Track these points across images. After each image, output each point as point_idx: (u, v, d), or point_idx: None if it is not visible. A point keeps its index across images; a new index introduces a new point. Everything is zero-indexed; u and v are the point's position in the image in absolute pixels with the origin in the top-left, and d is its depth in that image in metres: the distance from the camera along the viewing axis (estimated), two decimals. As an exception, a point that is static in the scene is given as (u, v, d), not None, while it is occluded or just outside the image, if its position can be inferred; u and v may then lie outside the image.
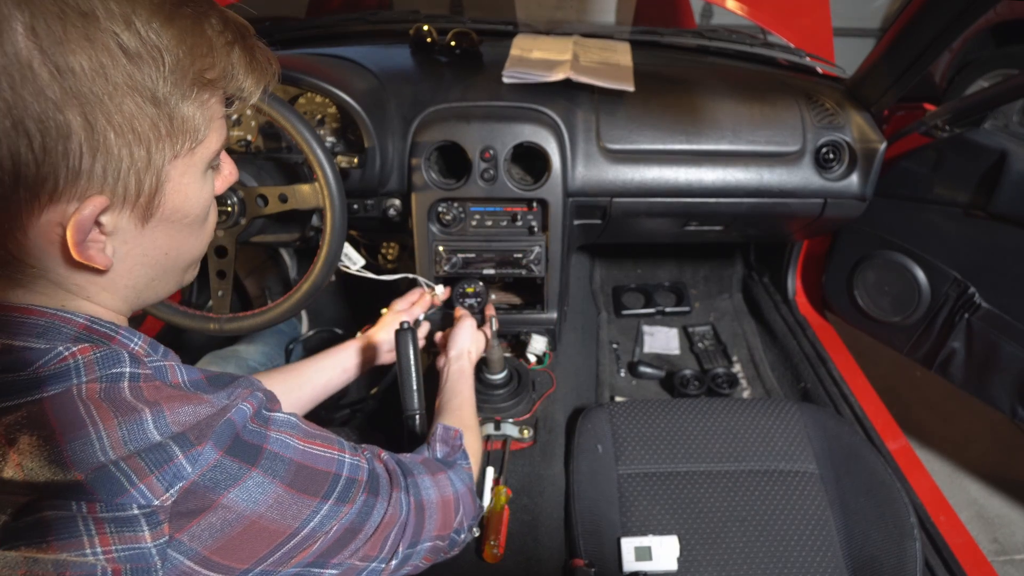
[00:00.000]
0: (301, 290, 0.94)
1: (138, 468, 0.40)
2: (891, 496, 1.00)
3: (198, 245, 0.54)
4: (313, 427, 0.56)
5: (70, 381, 0.41)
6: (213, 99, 0.48)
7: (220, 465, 0.44)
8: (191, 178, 0.48)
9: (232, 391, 0.48)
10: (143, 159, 0.43)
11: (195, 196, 0.49)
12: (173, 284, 0.54)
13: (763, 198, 1.20)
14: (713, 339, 1.61)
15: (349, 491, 0.54)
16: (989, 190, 1.11)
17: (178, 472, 0.42)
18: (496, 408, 1.16)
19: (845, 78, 1.27)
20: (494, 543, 0.95)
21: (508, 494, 1.03)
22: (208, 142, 0.48)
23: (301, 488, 0.49)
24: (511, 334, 1.27)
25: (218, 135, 0.50)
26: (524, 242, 1.16)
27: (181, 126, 0.45)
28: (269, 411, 0.52)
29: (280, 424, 0.51)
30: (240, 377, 0.52)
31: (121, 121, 0.41)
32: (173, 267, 0.52)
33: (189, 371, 0.49)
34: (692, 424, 1.12)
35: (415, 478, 0.65)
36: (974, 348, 1.20)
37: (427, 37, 1.24)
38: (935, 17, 0.97)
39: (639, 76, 1.17)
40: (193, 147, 0.47)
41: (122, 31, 0.40)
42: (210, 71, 0.46)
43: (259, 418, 0.49)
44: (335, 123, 1.15)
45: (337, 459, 0.54)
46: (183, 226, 0.50)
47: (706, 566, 0.94)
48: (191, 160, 0.48)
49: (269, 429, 0.49)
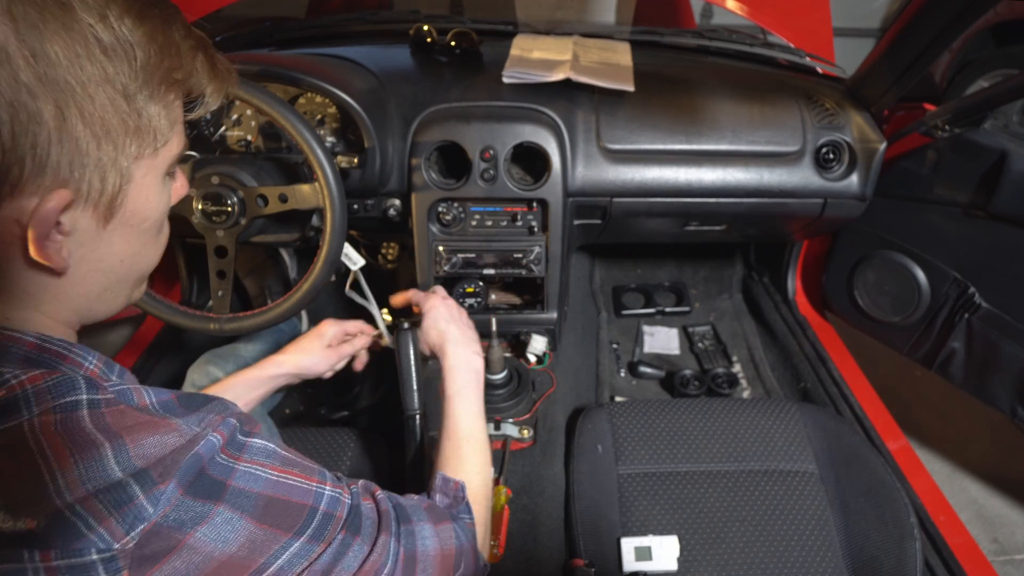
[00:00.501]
0: (301, 290, 0.94)
1: (96, 510, 0.37)
2: (891, 496, 1.00)
3: (152, 255, 0.53)
4: (294, 455, 0.52)
5: (20, 415, 0.38)
6: (177, 101, 0.48)
7: (183, 504, 0.41)
8: (152, 180, 0.48)
9: (204, 416, 0.46)
10: (109, 155, 0.43)
11: (155, 201, 0.49)
12: (123, 298, 0.52)
13: (763, 198, 1.19)
14: (713, 339, 1.61)
15: (325, 528, 0.49)
16: (989, 190, 1.11)
17: (139, 513, 0.38)
18: (496, 408, 1.16)
19: (845, 78, 1.27)
20: (494, 543, 0.95)
21: (508, 494, 1.03)
22: (170, 146, 0.48)
23: (272, 522, 0.45)
24: (511, 334, 1.27)
25: (179, 140, 0.49)
26: (524, 242, 1.16)
27: (147, 125, 0.45)
28: (245, 437, 0.48)
29: (255, 452, 0.48)
30: (214, 400, 0.49)
31: (92, 113, 0.41)
32: (126, 277, 0.51)
33: (158, 392, 0.46)
34: (692, 424, 1.12)
35: (412, 525, 0.59)
36: (974, 348, 1.20)
37: (427, 37, 1.24)
38: (935, 17, 0.97)
39: (639, 76, 1.17)
40: (157, 148, 0.47)
41: (96, 23, 0.40)
42: (177, 71, 0.46)
43: (232, 446, 0.46)
44: (335, 123, 1.15)
45: (315, 491, 0.50)
46: (141, 231, 0.49)
47: (706, 566, 0.94)
48: (154, 162, 0.47)
49: (240, 460, 0.46)
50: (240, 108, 1.16)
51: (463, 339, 0.89)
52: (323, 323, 0.98)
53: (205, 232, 0.95)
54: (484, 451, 0.79)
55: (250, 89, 0.88)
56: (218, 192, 0.93)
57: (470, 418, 0.80)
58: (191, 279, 1.56)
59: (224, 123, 1.17)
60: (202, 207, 0.93)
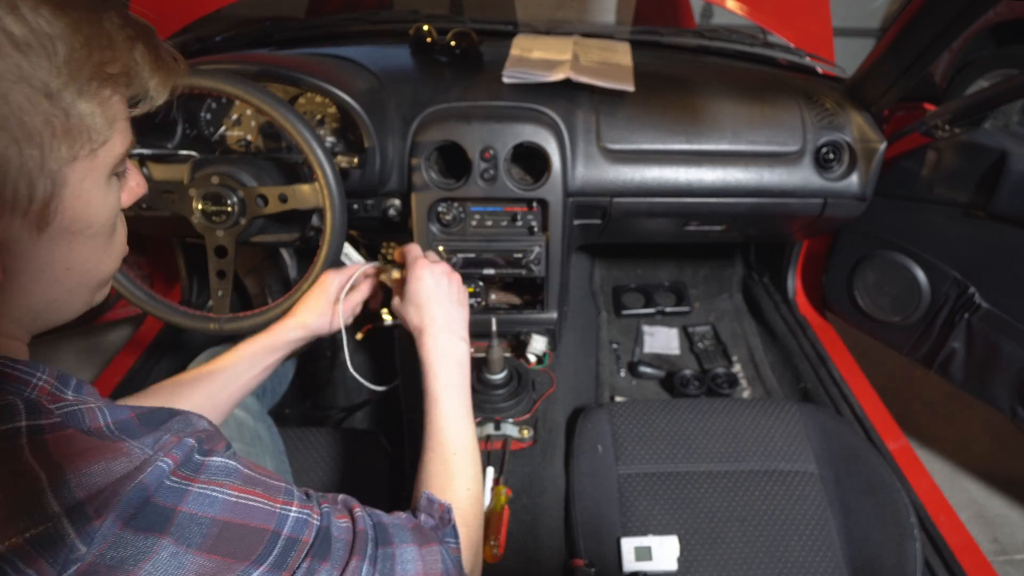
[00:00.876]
0: (301, 290, 0.94)
1: (25, 552, 0.34)
2: (891, 496, 1.00)
3: (107, 261, 0.49)
4: (259, 472, 0.48)
5: None
6: (115, 97, 0.44)
7: (122, 540, 0.37)
8: (93, 183, 0.44)
9: (160, 436, 0.42)
10: (35, 160, 0.39)
11: (99, 204, 0.45)
12: (80, 304, 0.49)
13: (763, 198, 1.19)
14: (713, 339, 1.61)
15: (288, 555, 0.45)
16: (989, 190, 1.11)
17: (70, 554, 0.35)
18: (496, 408, 1.16)
19: (845, 78, 1.27)
20: (494, 543, 0.95)
21: (508, 494, 1.03)
22: (111, 145, 0.44)
23: (226, 551, 0.41)
24: (511, 334, 1.27)
25: (122, 138, 0.46)
26: (524, 242, 1.16)
27: (79, 124, 0.41)
28: (204, 455, 0.44)
29: (213, 472, 0.44)
30: (176, 416, 0.46)
31: (8, 115, 0.37)
32: (78, 285, 0.47)
33: (115, 410, 0.43)
34: (692, 424, 1.12)
35: (393, 548, 0.54)
36: (974, 348, 1.20)
37: (427, 37, 1.24)
38: (935, 17, 0.97)
39: (639, 76, 1.17)
40: (95, 149, 0.43)
41: (5, 15, 0.37)
42: (111, 65, 0.42)
43: (187, 468, 0.42)
44: (335, 123, 1.15)
45: (279, 513, 0.46)
46: (86, 238, 0.45)
47: (706, 566, 0.94)
48: (93, 164, 0.43)
49: (195, 481, 0.42)
50: (240, 108, 1.16)
51: (446, 321, 0.80)
52: (324, 276, 0.93)
53: (205, 232, 0.95)
54: (475, 462, 0.71)
55: (250, 89, 0.88)
56: (218, 192, 0.93)
57: (457, 424, 0.73)
58: (191, 279, 1.57)
59: (224, 123, 1.17)
60: (202, 207, 0.93)
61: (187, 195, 0.93)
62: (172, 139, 1.16)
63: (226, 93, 0.88)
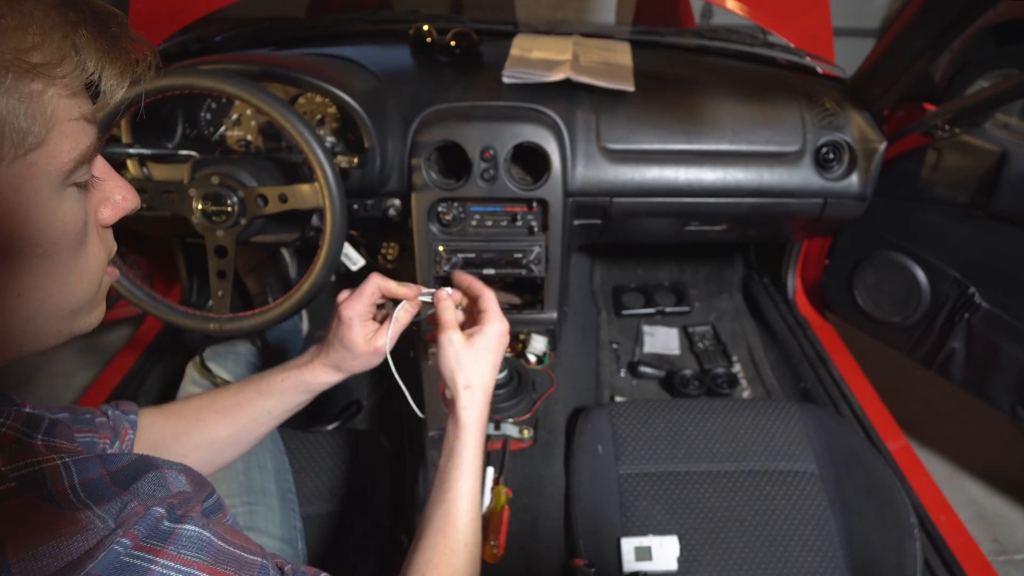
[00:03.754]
0: (301, 290, 0.94)
1: None
2: (891, 496, 1.00)
3: (75, 285, 0.42)
4: (233, 541, 0.42)
5: None
6: (50, 92, 0.36)
7: None
8: (31, 195, 0.36)
9: (127, 502, 0.37)
10: None
11: (43, 218, 0.37)
12: (51, 334, 0.42)
13: (763, 198, 1.19)
14: (713, 339, 1.61)
15: None
16: (989, 190, 1.11)
17: None
18: (496, 408, 1.16)
19: (845, 78, 1.27)
20: (494, 543, 0.95)
21: (508, 494, 1.03)
22: (53, 149, 0.37)
23: None
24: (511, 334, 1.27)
25: (73, 141, 0.38)
26: (524, 242, 1.16)
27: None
28: (175, 522, 0.39)
29: (184, 544, 0.38)
30: (153, 470, 0.41)
31: None
32: (39, 314, 0.40)
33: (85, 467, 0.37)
34: (692, 424, 1.12)
35: None
36: (974, 348, 1.20)
37: (427, 37, 1.24)
38: (935, 17, 0.97)
39: (639, 76, 1.17)
40: (23, 153, 0.35)
41: None
42: (35, 53, 0.35)
43: (152, 539, 0.37)
44: (335, 123, 1.15)
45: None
46: (35, 259, 0.38)
47: (706, 566, 0.94)
48: (25, 171, 0.36)
49: (160, 554, 0.36)
50: (240, 108, 1.16)
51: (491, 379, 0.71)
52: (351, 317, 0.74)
53: (205, 232, 0.95)
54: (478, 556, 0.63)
55: (250, 89, 0.88)
56: (218, 192, 0.93)
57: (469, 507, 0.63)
58: (191, 279, 1.57)
59: (224, 123, 1.17)
60: (202, 207, 0.93)
61: (187, 195, 0.93)
62: (172, 139, 1.16)
63: (226, 93, 0.88)
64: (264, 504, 0.87)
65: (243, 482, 0.87)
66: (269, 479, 0.90)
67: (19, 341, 0.40)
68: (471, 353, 0.69)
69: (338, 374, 0.77)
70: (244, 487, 0.87)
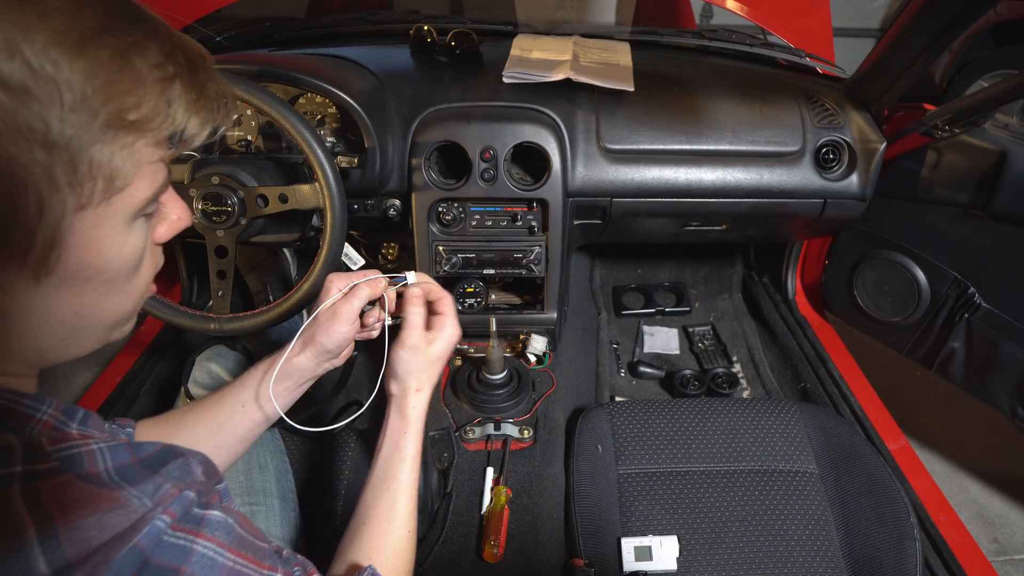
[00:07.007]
0: (301, 290, 0.94)
1: None
2: (891, 496, 1.00)
3: (124, 302, 0.45)
4: (247, 529, 0.46)
5: None
6: (141, 142, 0.40)
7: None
8: (107, 231, 0.40)
9: (161, 484, 0.40)
10: (31, 212, 0.36)
11: (113, 250, 0.41)
12: (92, 342, 0.46)
13: (763, 198, 1.20)
14: (713, 339, 1.61)
15: None
16: (989, 190, 1.11)
17: None
18: (496, 408, 1.16)
19: (845, 78, 1.27)
20: (494, 543, 0.95)
21: (508, 494, 1.03)
22: (133, 190, 0.40)
23: None
24: (511, 334, 1.27)
25: (150, 181, 0.41)
26: (524, 242, 1.16)
27: (89, 173, 0.37)
28: (203, 508, 0.42)
29: (213, 528, 0.42)
30: (179, 457, 0.44)
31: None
32: (90, 327, 0.44)
33: (116, 453, 0.40)
34: (692, 424, 1.12)
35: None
36: (974, 348, 1.20)
37: (427, 37, 1.24)
38: (935, 17, 0.97)
39: (639, 76, 1.17)
40: (109, 196, 0.39)
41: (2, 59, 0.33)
42: (133, 111, 0.38)
43: (187, 521, 0.40)
44: (335, 123, 1.15)
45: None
46: (99, 283, 0.42)
47: (706, 566, 0.94)
48: (108, 211, 0.39)
49: (199, 536, 0.40)
50: (240, 108, 1.16)
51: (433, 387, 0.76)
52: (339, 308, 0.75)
53: (205, 232, 0.95)
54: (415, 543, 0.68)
55: (250, 89, 0.88)
56: (218, 192, 0.93)
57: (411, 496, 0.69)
58: (191, 279, 1.57)
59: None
60: (202, 207, 0.93)
61: (187, 195, 0.93)
62: (172, 139, 1.16)
63: (226, 93, 0.88)
64: (264, 504, 0.87)
65: (243, 482, 0.88)
66: (269, 479, 0.91)
67: (66, 350, 0.44)
68: (428, 360, 0.74)
69: (335, 361, 0.80)
70: (244, 487, 0.87)
